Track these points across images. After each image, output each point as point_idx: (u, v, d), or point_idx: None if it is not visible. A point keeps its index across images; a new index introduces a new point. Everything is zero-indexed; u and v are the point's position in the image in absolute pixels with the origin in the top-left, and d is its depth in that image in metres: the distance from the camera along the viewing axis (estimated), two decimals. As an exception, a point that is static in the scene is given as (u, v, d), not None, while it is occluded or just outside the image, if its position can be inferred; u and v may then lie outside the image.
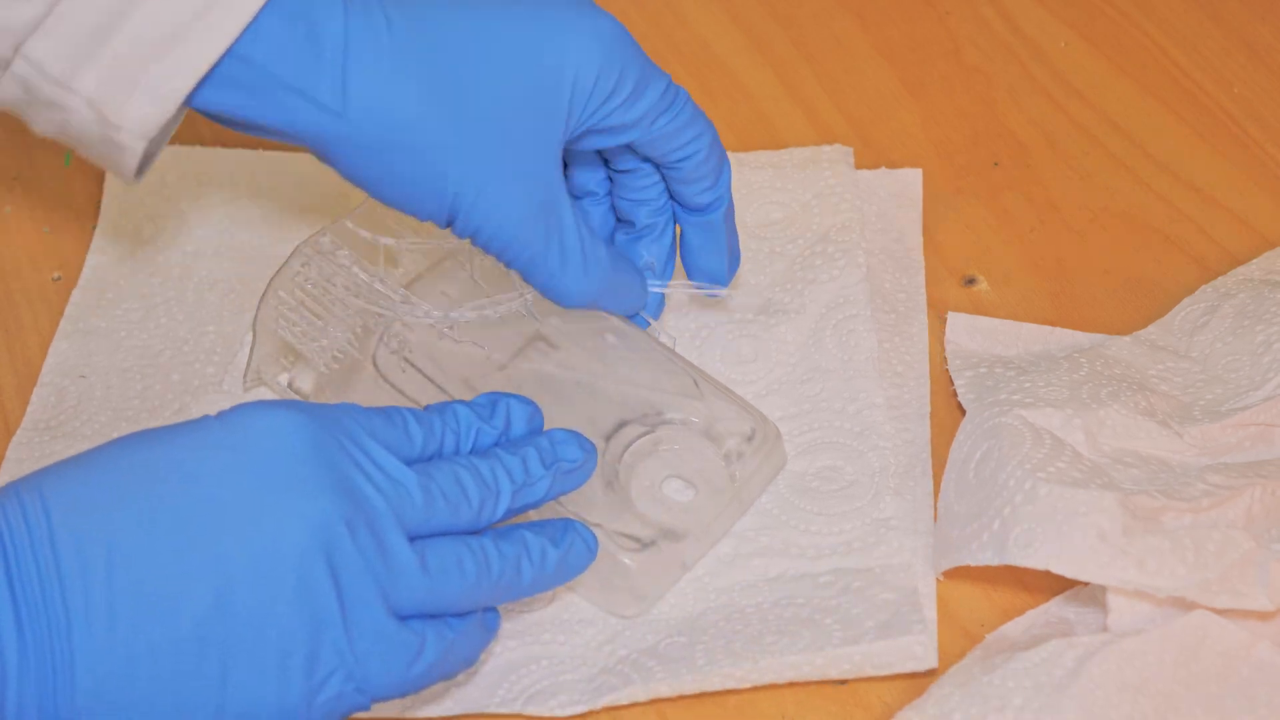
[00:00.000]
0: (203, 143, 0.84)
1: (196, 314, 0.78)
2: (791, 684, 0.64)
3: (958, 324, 0.74)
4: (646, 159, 0.68)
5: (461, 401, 0.62)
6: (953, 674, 0.62)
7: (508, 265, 0.65)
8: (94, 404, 0.74)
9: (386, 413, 0.59)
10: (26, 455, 0.72)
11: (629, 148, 0.68)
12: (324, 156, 0.63)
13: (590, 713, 0.63)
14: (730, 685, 0.63)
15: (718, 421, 0.69)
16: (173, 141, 0.85)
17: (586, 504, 0.66)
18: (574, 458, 0.62)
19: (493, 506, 0.59)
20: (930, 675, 0.64)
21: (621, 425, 0.69)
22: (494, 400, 0.62)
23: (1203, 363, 0.72)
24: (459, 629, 0.58)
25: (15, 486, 0.54)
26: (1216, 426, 0.67)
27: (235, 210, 0.82)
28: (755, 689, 0.64)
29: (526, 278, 0.66)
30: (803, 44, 0.89)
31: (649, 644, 0.65)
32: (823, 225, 0.78)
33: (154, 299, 0.78)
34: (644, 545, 0.65)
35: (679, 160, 0.68)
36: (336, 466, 0.55)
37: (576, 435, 0.62)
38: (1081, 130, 0.84)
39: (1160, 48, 0.87)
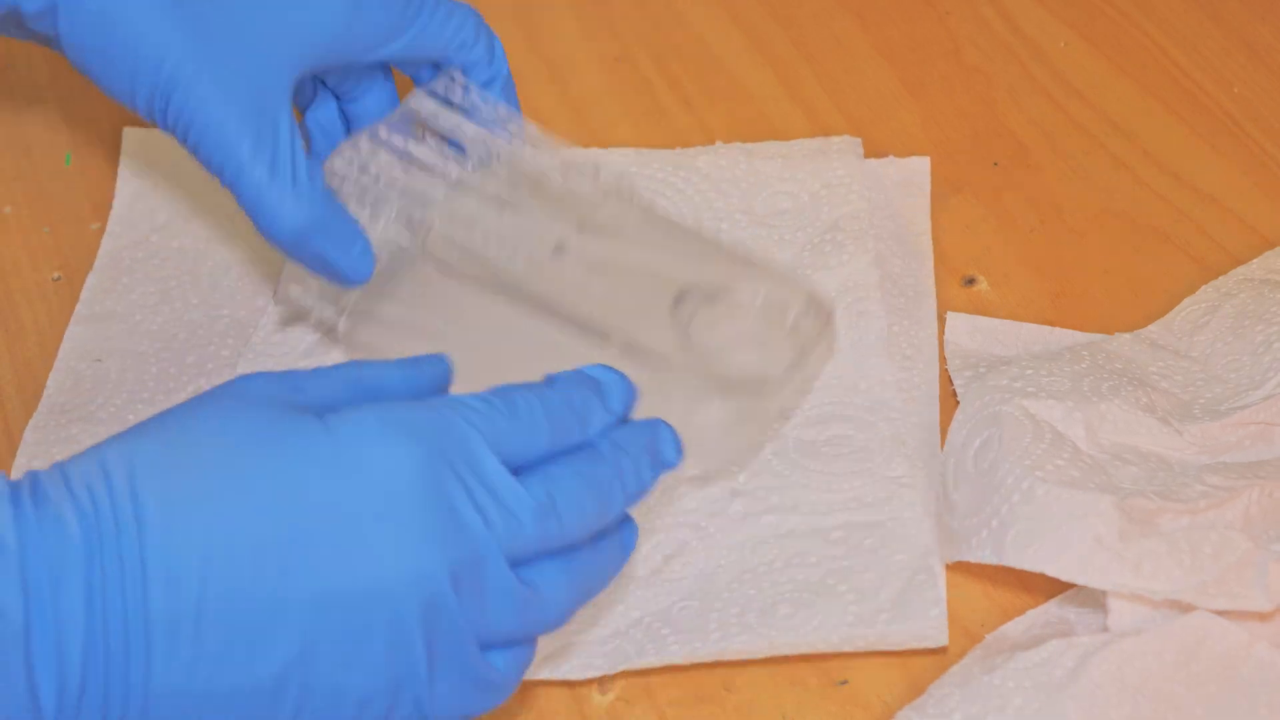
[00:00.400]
0: (144, 168, 0.84)
1: (211, 298, 0.78)
2: (792, 683, 0.64)
3: (957, 324, 0.74)
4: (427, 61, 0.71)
5: (575, 377, 0.58)
6: (953, 674, 0.62)
7: (214, 172, 0.65)
8: (109, 387, 0.74)
9: (511, 404, 0.55)
10: (43, 438, 0.72)
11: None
12: (49, 30, 0.64)
13: (593, 705, 0.64)
14: (743, 657, 0.64)
15: (776, 291, 0.69)
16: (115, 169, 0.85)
17: (663, 364, 0.66)
18: (673, 462, 0.59)
19: (601, 522, 0.56)
20: (930, 674, 0.64)
21: (684, 294, 0.68)
22: (600, 379, 0.58)
23: (1203, 362, 0.72)
24: (530, 652, 0.56)
25: (104, 466, 0.49)
26: (1216, 425, 0.67)
27: None
28: (755, 688, 0.64)
29: (235, 190, 0.65)
30: (803, 44, 0.89)
31: (661, 606, 0.65)
32: (832, 215, 0.78)
33: (169, 283, 0.79)
34: (726, 393, 0.66)
35: (456, 51, 0.70)
36: (448, 502, 0.51)
37: (674, 433, 0.59)
38: (1082, 130, 0.84)
39: (1160, 48, 0.87)
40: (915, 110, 0.85)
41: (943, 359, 0.74)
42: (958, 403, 0.72)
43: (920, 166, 0.81)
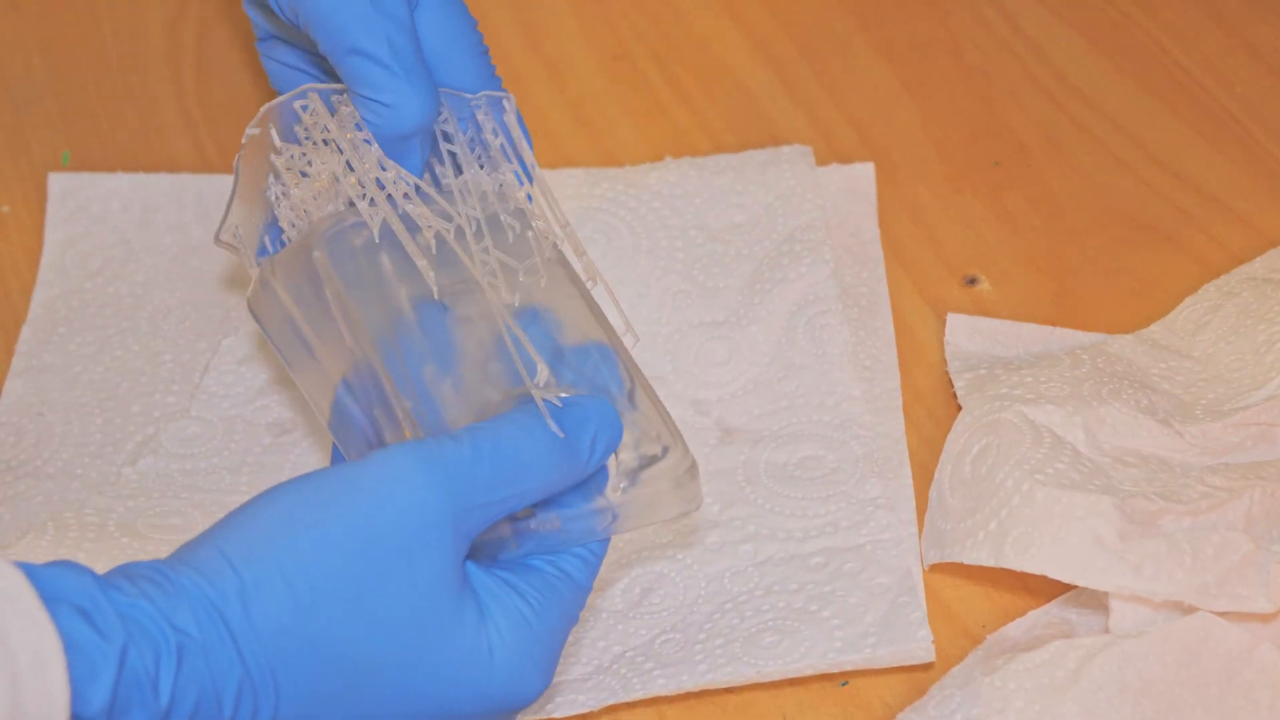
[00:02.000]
0: (143, 169, 0.83)
1: (152, 344, 0.76)
2: (792, 684, 0.64)
3: (957, 325, 0.74)
4: None
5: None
6: (954, 675, 0.62)
7: (336, 62, 0.62)
8: (55, 441, 0.73)
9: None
10: None
11: None
12: None
13: (589, 712, 0.63)
14: (731, 685, 0.63)
15: (633, 430, 0.60)
16: (114, 168, 0.83)
17: None
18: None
19: None
20: (931, 676, 0.63)
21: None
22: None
23: (1205, 362, 0.72)
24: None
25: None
26: (1218, 426, 0.67)
27: (183, 236, 0.80)
28: (755, 689, 0.64)
29: (352, 80, 0.62)
30: (803, 44, 0.88)
31: (643, 640, 0.65)
32: (787, 226, 0.78)
33: (107, 331, 0.77)
34: None
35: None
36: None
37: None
38: (1082, 130, 0.84)
39: (1161, 47, 0.87)
40: (915, 110, 0.85)
41: (904, 361, 0.74)
42: (922, 407, 0.72)
43: (865, 173, 0.81)
